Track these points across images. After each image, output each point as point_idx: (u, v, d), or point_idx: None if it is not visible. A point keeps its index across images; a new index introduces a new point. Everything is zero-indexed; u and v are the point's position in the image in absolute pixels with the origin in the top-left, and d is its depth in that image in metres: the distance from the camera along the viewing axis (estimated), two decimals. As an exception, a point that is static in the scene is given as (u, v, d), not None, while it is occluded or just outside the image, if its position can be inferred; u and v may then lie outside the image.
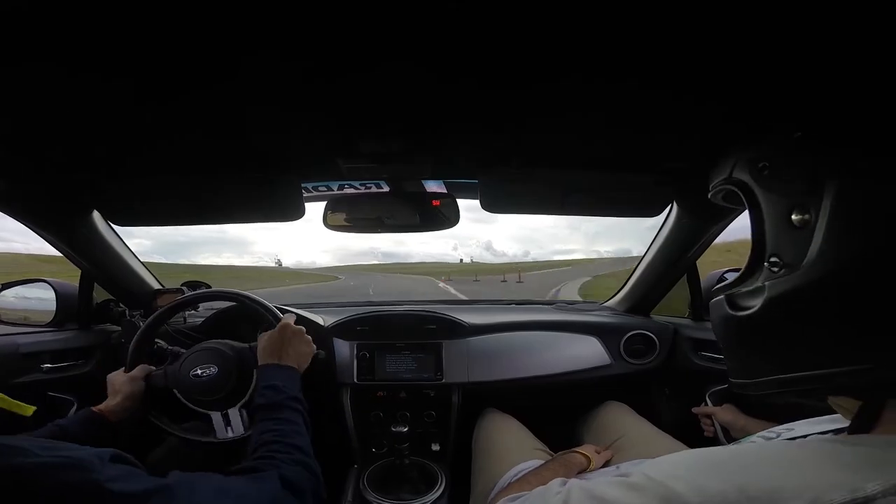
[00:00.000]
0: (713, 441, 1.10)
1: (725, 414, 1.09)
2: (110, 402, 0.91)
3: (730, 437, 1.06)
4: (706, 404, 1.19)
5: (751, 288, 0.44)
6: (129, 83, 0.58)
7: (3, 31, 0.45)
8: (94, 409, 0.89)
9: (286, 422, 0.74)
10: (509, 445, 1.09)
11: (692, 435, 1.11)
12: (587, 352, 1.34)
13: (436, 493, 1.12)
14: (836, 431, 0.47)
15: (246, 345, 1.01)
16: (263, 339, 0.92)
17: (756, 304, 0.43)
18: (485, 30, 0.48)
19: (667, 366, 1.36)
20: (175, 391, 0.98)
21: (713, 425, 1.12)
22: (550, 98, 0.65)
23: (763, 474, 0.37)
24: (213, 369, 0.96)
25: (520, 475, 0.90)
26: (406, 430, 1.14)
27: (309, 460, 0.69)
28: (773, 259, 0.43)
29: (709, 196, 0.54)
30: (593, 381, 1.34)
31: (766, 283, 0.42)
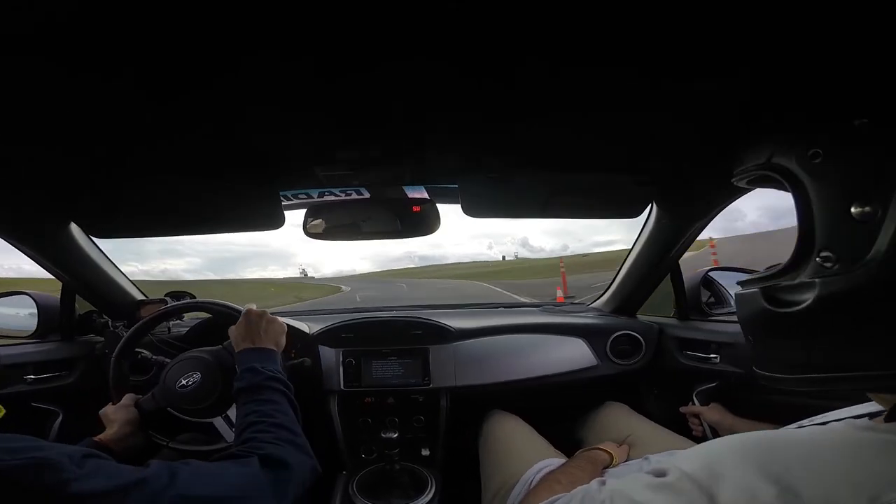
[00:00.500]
0: (702, 440, 1.11)
1: (713, 413, 1.10)
2: (108, 433, 0.89)
3: (717, 436, 1.06)
4: (694, 404, 1.19)
5: (795, 282, 0.41)
6: (111, 88, 0.57)
7: None
8: (95, 438, 0.87)
9: (267, 402, 0.73)
10: (522, 444, 1.09)
11: (681, 434, 1.11)
12: (573, 354, 1.34)
13: (426, 498, 1.12)
14: (870, 416, 0.45)
15: (220, 345, 1.00)
16: (233, 331, 0.92)
17: (804, 300, 0.40)
18: (469, 30, 0.48)
19: (653, 366, 1.36)
20: (169, 409, 0.96)
21: (701, 424, 1.13)
22: (529, 100, 0.65)
23: (812, 471, 0.36)
24: (197, 376, 0.95)
25: (542, 473, 0.90)
26: (395, 435, 1.14)
27: (294, 437, 0.68)
28: (825, 254, 0.39)
29: (733, 180, 0.51)
30: (581, 383, 1.34)
31: (818, 279, 0.39)
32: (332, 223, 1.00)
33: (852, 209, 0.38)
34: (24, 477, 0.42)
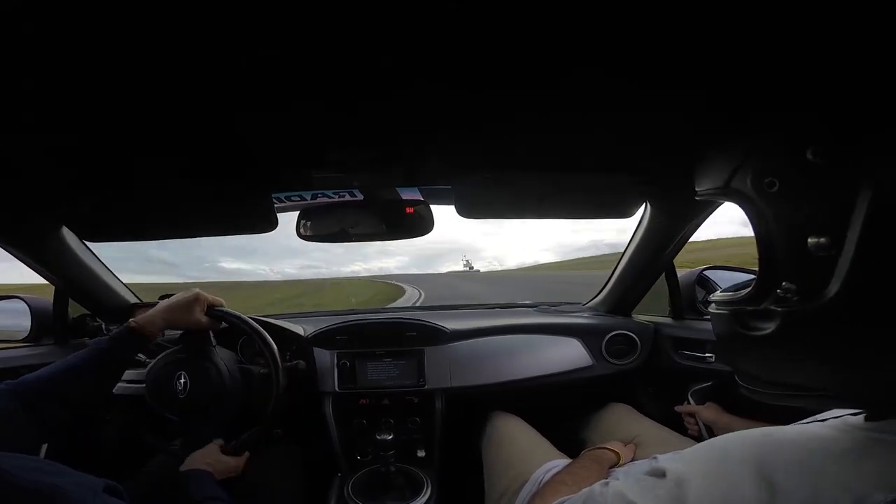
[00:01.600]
0: (699, 440, 1.11)
1: (708, 412, 1.09)
2: (153, 317, 0.90)
3: (713, 435, 1.06)
4: (689, 403, 1.19)
5: (760, 308, 0.41)
6: (104, 93, 0.57)
7: None
8: (133, 325, 0.88)
9: None
10: (529, 445, 1.09)
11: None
12: (568, 354, 1.34)
13: (422, 499, 1.12)
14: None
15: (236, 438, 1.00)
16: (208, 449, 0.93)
17: (768, 327, 0.40)
18: (461, 34, 0.47)
19: (649, 365, 1.36)
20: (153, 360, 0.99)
21: (697, 424, 1.12)
22: (522, 102, 0.65)
23: (804, 472, 0.37)
24: (186, 392, 0.95)
25: (551, 472, 0.89)
26: (391, 437, 1.14)
27: None
28: (786, 285, 0.39)
29: (696, 197, 0.51)
30: (577, 383, 1.34)
31: (781, 308, 0.39)
32: (325, 225, 1.00)
33: (809, 241, 0.37)
34: (31, 498, 0.41)
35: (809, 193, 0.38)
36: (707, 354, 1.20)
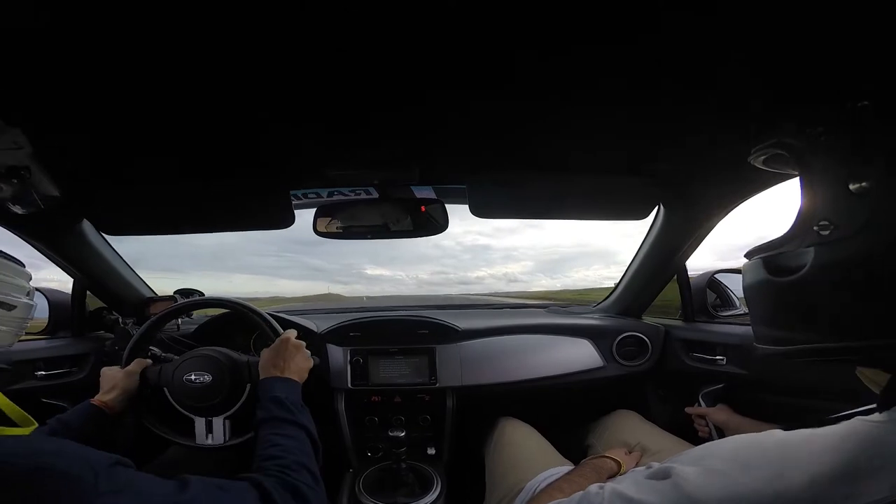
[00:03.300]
0: (708, 441, 1.10)
1: (719, 414, 1.09)
2: (106, 397, 0.90)
3: (723, 437, 1.06)
4: (699, 405, 1.19)
5: (793, 250, 0.43)
6: (125, 91, 0.58)
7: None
8: (92, 402, 0.88)
9: (291, 438, 0.71)
10: (530, 453, 1.09)
11: (687, 435, 1.12)
12: (579, 354, 1.34)
13: (432, 497, 1.12)
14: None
15: (245, 358, 0.99)
16: (265, 353, 0.91)
17: (801, 268, 0.42)
18: (474, 36, 0.48)
19: (659, 367, 1.36)
20: (165, 390, 0.97)
21: (707, 426, 1.12)
22: (537, 103, 0.66)
23: (807, 471, 0.37)
24: (207, 377, 0.95)
25: (547, 481, 0.89)
26: (402, 434, 1.14)
27: (315, 483, 0.66)
28: (823, 223, 0.41)
29: (748, 159, 0.53)
30: (588, 384, 1.34)
31: (814, 246, 0.41)
32: (342, 223, 1.01)
33: (850, 184, 0.40)
34: (45, 481, 0.38)
35: (853, 140, 0.41)
36: (718, 357, 1.20)
